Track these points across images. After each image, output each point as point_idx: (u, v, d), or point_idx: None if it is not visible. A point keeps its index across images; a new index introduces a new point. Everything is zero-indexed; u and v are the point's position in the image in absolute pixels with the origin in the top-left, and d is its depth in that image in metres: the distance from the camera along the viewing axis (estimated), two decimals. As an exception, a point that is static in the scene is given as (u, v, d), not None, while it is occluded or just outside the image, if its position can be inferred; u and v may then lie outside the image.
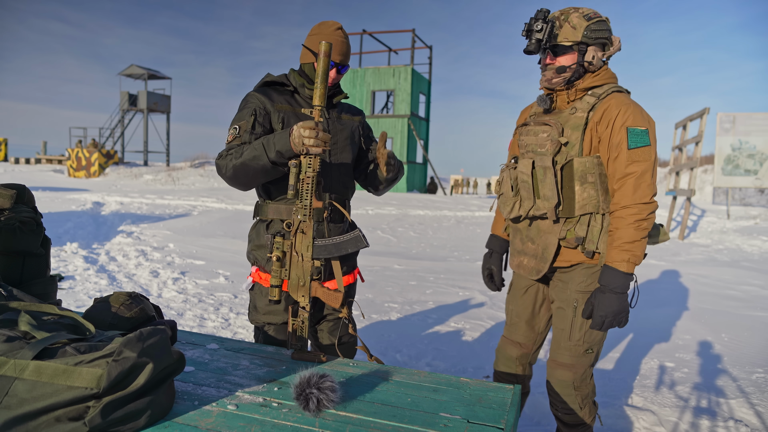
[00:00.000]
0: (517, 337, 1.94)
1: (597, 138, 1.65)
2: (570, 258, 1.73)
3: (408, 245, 7.65)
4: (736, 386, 2.79)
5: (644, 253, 1.62)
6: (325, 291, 1.48)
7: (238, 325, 3.63)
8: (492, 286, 2.06)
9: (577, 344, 1.73)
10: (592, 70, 1.68)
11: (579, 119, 1.66)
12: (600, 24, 1.63)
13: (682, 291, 5.00)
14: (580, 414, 1.78)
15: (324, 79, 1.44)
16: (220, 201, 12.18)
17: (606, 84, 1.69)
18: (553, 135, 1.67)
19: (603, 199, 1.66)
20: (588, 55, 1.65)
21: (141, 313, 1.33)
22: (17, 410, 0.88)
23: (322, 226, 1.72)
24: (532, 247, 1.79)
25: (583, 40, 1.62)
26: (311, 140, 1.42)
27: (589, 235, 1.67)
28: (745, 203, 15.99)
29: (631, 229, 1.57)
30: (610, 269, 1.59)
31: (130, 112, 25.24)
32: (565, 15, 1.65)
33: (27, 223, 1.46)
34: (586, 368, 1.76)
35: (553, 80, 1.69)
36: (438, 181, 21.08)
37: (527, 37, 1.65)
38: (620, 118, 1.60)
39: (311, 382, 1.08)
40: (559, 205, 1.68)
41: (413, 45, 19.45)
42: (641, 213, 1.57)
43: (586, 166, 1.65)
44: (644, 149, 1.59)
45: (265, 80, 1.79)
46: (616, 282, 1.58)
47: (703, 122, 8.71)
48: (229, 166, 1.60)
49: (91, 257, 5.66)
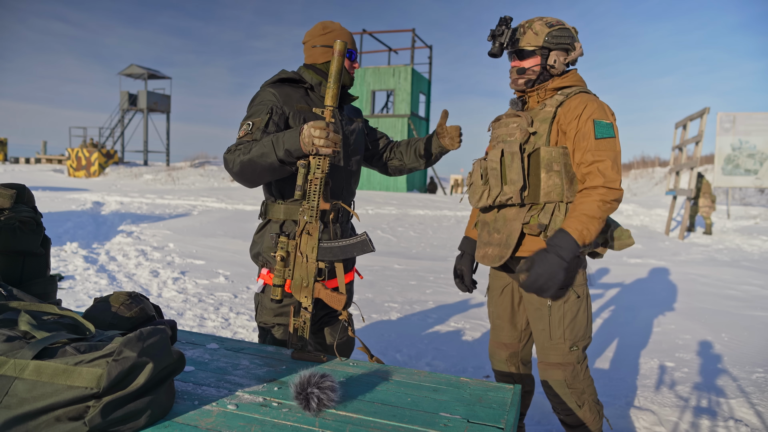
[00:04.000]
0: (503, 338, 1.99)
1: (563, 131, 1.74)
2: (532, 247, 1.76)
3: (408, 245, 7.65)
4: (736, 386, 2.79)
5: (596, 239, 1.67)
6: (328, 293, 1.47)
7: (238, 325, 3.63)
8: (462, 287, 2.10)
9: (559, 342, 1.76)
10: (555, 73, 1.81)
11: (547, 113, 1.76)
12: (562, 31, 1.77)
13: (682, 291, 5.00)
14: (580, 413, 1.78)
15: (337, 79, 1.43)
16: (220, 201, 12.17)
17: (575, 86, 1.81)
18: (522, 125, 1.78)
19: (567, 188, 1.73)
20: (550, 59, 1.78)
21: (141, 312, 1.33)
22: (17, 410, 0.88)
23: (336, 227, 1.74)
24: (498, 237, 1.84)
25: (545, 45, 1.76)
26: (322, 140, 1.40)
27: (552, 224, 1.72)
28: (745, 203, 15.99)
29: (595, 204, 1.62)
30: (563, 232, 1.63)
31: (130, 111, 25.23)
32: (530, 23, 1.79)
33: (27, 223, 1.46)
34: (575, 365, 1.77)
35: (518, 81, 1.83)
36: (438, 181, 21.08)
37: (492, 41, 1.79)
38: (587, 112, 1.70)
39: (312, 382, 1.08)
40: (525, 189, 1.75)
41: (413, 45, 19.43)
42: (607, 195, 1.63)
43: (553, 155, 1.73)
44: (610, 140, 1.68)
45: (280, 76, 1.77)
46: (563, 244, 1.60)
47: (703, 122, 8.71)
48: (237, 161, 1.56)
49: (91, 257, 5.66)
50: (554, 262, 1.61)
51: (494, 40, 1.79)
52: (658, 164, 24.15)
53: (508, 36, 1.76)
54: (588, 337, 1.80)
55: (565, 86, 1.80)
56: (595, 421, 1.80)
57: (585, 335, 1.79)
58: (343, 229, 1.79)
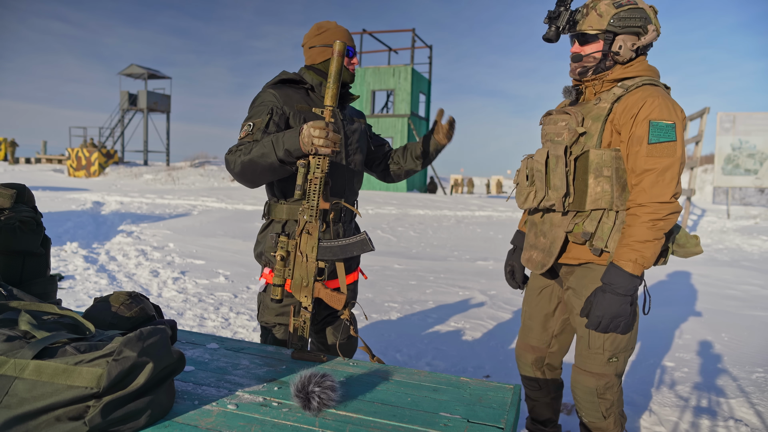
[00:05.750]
0: (531, 340, 1.89)
1: (617, 131, 1.57)
2: (577, 255, 1.66)
3: (408, 245, 7.65)
4: (736, 386, 2.79)
5: (656, 257, 1.53)
6: (328, 292, 1.47)
7: (238, 325, 3.63)
8: (513, 283, 1.99)
9: (597, 352, 1.65)
10: (620, 61, 1.60)
11: (602, 109, 1.59)
12: (632, 12, 1.54)
13: (682, 290, 5.00)
14: (603, 424, 1.70)
15: (337, 79, 1.44)
16: (220, 201, 12.17)
17: (639, 76, 1.60)
18: (571, 124, 1.61)
19: (618, 196, 1.57)
20: (615, 45, 1.57)
21: (141, 312, 1.33)
22: (17, 410, 0.88)
23: (338, 227, 1.75)
24: (543, 241, 1.73)
25: (609, 29, 1.55)
26: (321, 140, 1.40)
27: (599, 232, 1.58)
28: (745, 203, 15.99)
29: (645, 228, 1.48)
30: (615, 267, 1.51)
31: (130, 111, 25.21)
32: (595, 2, 1.58)
33: (27, 223, 1.46)
34: (611, 377, 1.66)
35: (576, 70, 1.65)
36: (438, 181, 21.08)
37: (548, 24, 1.60)
38: (644, 110, 1.51)
39: (312, 381, 1.08)
40: (568, 196, 1.61)
41: (413, 44, 19.43)
42: (658, 212, 1.48)
43: (603, 159, 1.57)
44: (667, 144, 1.49)
45: (281, 77, 1.78)
46: (618, 281, 1.49)
47: (704, 122, 8.72)
48: (238, 162, 1.58)
49: (91, 257, 5.66)
50: (613, 301, 1.50)
51: (550, 23, 1.59)
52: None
53: (566, 18, 1.57)
54: (631, 348, 1.68)
55: (627, 77, 1.60)
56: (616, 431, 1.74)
57: (628, 346, 1.67)
58: (346, 229, 1.80)
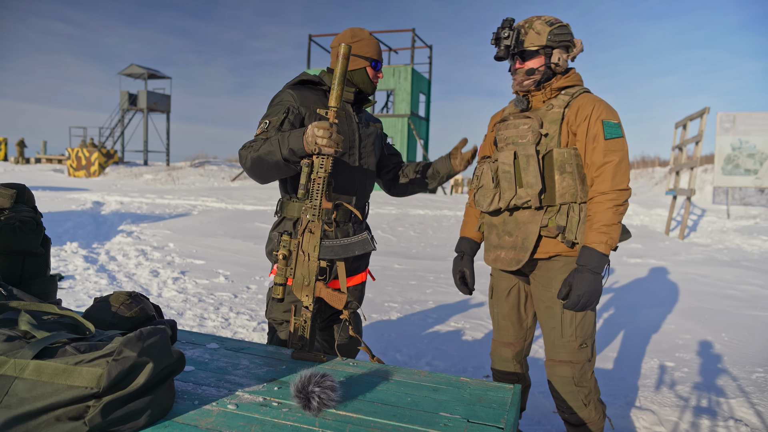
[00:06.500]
0: (508, 338, 1.99)
1: (573, 132, 1.76)
2: (549, 249, 1.79)
3: (408, 245, 7.65)
4: (736, 386, 2.79)
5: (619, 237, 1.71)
6: (329, 292, 1.48)
7: (238, 325, 3.63)
8: (464, 289, 2.06)
9: (571, 339, 1.78)
10: (559, 71, 1.81)
11: (556, 114, 1.78)
12: (561, 28, 1.77)
13: (682, 291, 5.00)
14: (585, 412, 1.79)
15: (341, 81, 1.46)
16: (220, 200, 12.17)
17: (577, 85, 1.83)
18: (534, 126, 1.78)
19: (580, 189, 1.76)
20: (554, 57, 1.79)
21: (141, 312, 1.33)
22: (17, 410, 0.88)
23: (347, 227, 1.77)
24: (509, 239, 1.84)
25: (548, 44, 1.76)
26: (324, 140, 1.42)
27: (569, 225, 1.75)
28: (745, 203, 15.98)
29: (610, 212, 1.66)
30: (589, 249, 1.67)
31: (130, 111, 25.20)
32: (529, 23, 1.79)
33: (27, 223, 1.46)
34: (584, 363, 1.79)
35: (524, 83, 1.82)
36: (438, 181, 21.07)
37: (496, 44, 1.80)
38: (595, 113, 1.73)
39: (312, 381, 1.08)
40: (543, 191, 1.76)
41: (413, 44, 19.41)
42: (619, 198, 1.67)
43: (565, 157, 1.75)
44: (618, 140, 1.71)
45: (300, 78, 1.81)
46: (593, 261, 1.65)
47: (703, 122, 8.71)
48: (248, 157, 1.61)
49: (91, 257, 5.66)
50: (590, 279, 1.65)
51: (499, 42, 1.79)
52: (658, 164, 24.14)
53: (513, 38, 1.76)
54: (594, 334, 1.83)
55: (568, 86, 1.82)
56: (599, 421, 1.82)
57: (593, 332, 1.82)
58: (356, 229, 1.81)
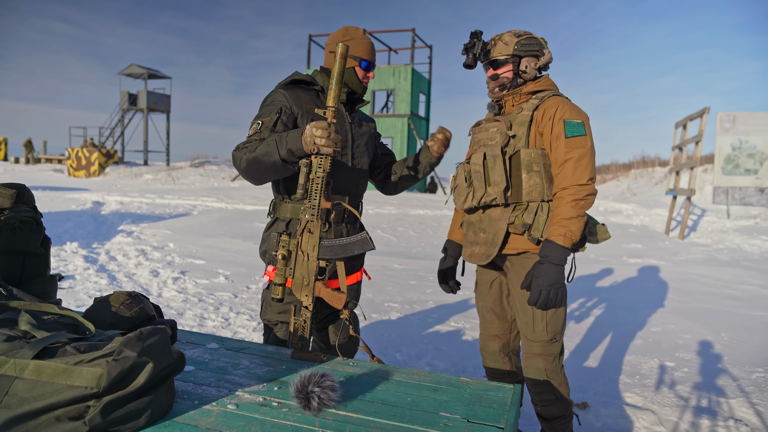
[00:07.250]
0: (493, 330, 2.07)
1: (540, 132, 1.85)
2: (517, 245, 1.88)
3: (408, 245, 7.65)
4: (736, 386, 2.79)
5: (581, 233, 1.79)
6: (329, 292, 1.48)
7: (238, 325, 3.63)
8: (446, 288, 2.20)
9: (542, 334, 1.87)
10: (527, 78, 1.92)
11: (525, 116, 1.87)
12: (530, 40, 1.89)
13: (682, 291, 5.00)
14: (556, 405, 1.87)
15: (339, 81, 1.45)
16: (220, 200, 12.17)
17: (547, 90, 1.92)
18: (502, 128, 1.88)
19: (547, 187, 1.84)
20: (522, 65, 1.90)
21: (141, 312, 1.33)
22: (17, 410, 0.88)
23: (341, 227, 1.78)
24: (483, 236, 1.94)
25: (515, 53, 1.88)
26: (323, 140, 1.42)
27: (536, 223, 1.82)
28: (745, 203, 15.98)
29: (569, 206, 1.73)
30: (549, 242, 1.75)
31: (130, 111, 25.20)
32: (499, 36, 1.92)
33: (27, 223, 1.46)
34: (555, 356, 1.88)
35: (495, 89, 1.95)
36: (438, 181, 21.07)
37: (465, 54, 1.93)
38: (559, 113, 1.82)
39: (312, 381, 1.08)
40: (508, 189, 1.86)
41: (413, 44, 19.41)
42: (578, 193, 1.74)
43: (532, 156, 1.84)
44: (580, 138, 1.79)
45: (292, 78, 1.80)
46: (553, 253, 1.73)
47: (704, 122, 8.71)
48: (243, 159, 1.61)
49: (91, 257, 5.66)
50: (550, 270, 1.73)
51: (467, 52, 1.92)
52: (658, 164, 24.12)
53: (479, 47, 1.90)
54: (563, 329, 1.92)
55: (539, 90, 1.91)
56: (568, 415, 1.91)
57: (563, 329, 1.90)
58: (350, 229, 1.81)
